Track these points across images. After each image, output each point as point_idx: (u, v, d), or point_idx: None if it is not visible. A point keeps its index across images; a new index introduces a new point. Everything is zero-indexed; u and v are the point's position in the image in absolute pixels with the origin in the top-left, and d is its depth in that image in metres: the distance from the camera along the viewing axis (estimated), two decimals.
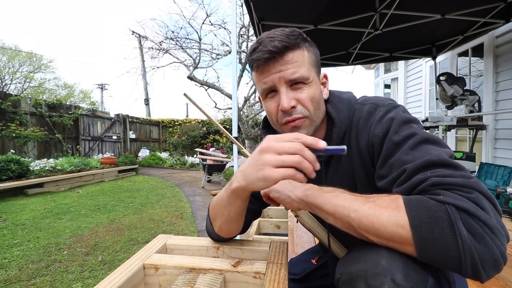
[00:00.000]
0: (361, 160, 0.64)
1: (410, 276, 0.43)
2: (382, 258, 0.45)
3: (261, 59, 0.61)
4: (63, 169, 5.69)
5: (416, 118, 0.60)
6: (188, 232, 2.85)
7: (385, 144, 0.56)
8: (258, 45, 0.61)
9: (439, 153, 0.49)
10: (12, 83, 10.96)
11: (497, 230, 0.41)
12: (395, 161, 0.53)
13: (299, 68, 0.61)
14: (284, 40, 0.60)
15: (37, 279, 1.86)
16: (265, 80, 0.63)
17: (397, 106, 0.62)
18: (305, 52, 0.63)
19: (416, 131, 0.54)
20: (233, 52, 2.08)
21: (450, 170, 0.47)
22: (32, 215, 3.35)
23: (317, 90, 0.65)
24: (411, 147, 0.52)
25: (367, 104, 0.65)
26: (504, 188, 2.03)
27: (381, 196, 0.49)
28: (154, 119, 12.15)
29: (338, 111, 0.67)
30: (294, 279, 0.91)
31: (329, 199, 0.52)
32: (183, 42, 7.85)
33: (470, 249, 0.39)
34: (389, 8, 2.63)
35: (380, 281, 0.43)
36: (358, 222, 0.47)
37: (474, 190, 0.44)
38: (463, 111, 3.10)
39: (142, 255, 0.70)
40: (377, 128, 0.59)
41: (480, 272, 0.40)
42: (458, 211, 0.41)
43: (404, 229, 0.43)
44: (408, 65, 6.04)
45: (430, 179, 0.46)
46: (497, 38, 3.44)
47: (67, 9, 65.57)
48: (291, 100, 0.61)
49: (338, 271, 0.51)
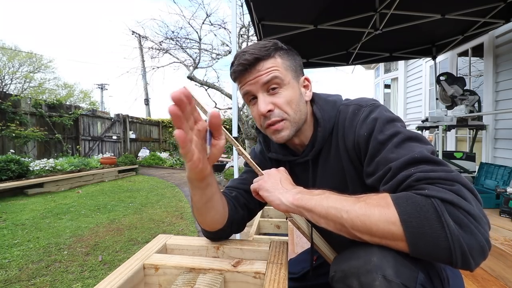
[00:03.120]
0: (349, 158, 0.66)
1: (400, 272, 0.44)
2: (374, 255, 0.46)
3: (236, 71, 0.67)
4: (63, 169, 5.69)
5: (398, 117, 0.63)
6: (188, 232, 2.85)
7: (371, 143, 0.59)
8: (234, 59, 0.67)
9: (421, 150, 0.52)
10: (12, 83, 10.97)
11: (480, 218, 0.43)
12: (381, 159, 0.56)
13: (272, 72, 0.65)
14: (255, 53, 0.65)
15: (37, 279, 1.86)
16: (243, 87, 0.68)
17: (379, 106, 0.65)
18: (277, 59, 0.67)
19: (399, 130, 0.57)
20: (233, 52, 2.08)
21: (432, 165, 0.50)
22: (32, 215, 3.35)
23: (295, 93, 0.68)
24: (395, 145, 0.55)
25: (351, 105, 0.68)
26: (504, 188, 2.03)
27: (370, 196, 0.50)
28: (154, 119, 12.14)
29: (323, 112, 0.70)
30: (293, 278, 0.92)
31: (319, 201, 0.53)
32: (183, 42, 7.86)
33: (459, 239, 0.41)
34: (389, 8, 2.63)
35: (372, 278, 0.44)
36: (350, 222, 0.48)
37: (456, 183, 0.46)
38: (463, 111, 3.10)
39: (142, 255, 0.70)
40: (362, 128, 0.62)
41: (469, 261, 0.42)
42: (443, 203, 0.43)
43: (395, 226, 0.45)
44: (408, 65, 6.04)
45: (414, 175, 0.49)
46: (497, 38, 3.44)
47: (67, 9, 65.63)
48: (268, 104, 0.66)
49: (332, 268, 0.53)
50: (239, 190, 0.80)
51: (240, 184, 0.81)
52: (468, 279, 1.31)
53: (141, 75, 14.25)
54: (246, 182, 0.79)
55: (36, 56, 12.31)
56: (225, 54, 7.93)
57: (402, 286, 0.43)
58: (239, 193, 0.79)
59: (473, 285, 1.28)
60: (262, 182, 0.64)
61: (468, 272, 0.44)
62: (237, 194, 0.79)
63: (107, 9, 69.26)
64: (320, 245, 0.71)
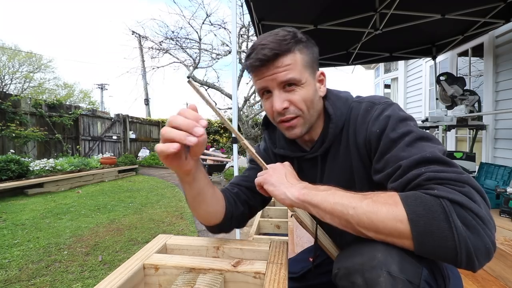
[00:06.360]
0: (359, 155, 0.66)
1: (405, 268, 0.44)
2: (378, 251, 0.46)
3: (253, 66, 0.64)
4: (63, 169, 5.69)
5: (411, 116, 0.62)
6: (188, 232, 2.85)
7: (382, 140, 0.58)
8: (252, 51, 0.64)
9: (433, 150, 0.52)
10: (12, 83, 10.98)
11: (488, 221, 0.43)
12: (391, 157, 0.55)
13: (291, 71, 0.63)
14: (275, 48, 0.62)
15: (37, 279, 1.86)
16: (259, 82, 0.66)
17: (392, 104, 0.65)
18: (297, 55, 0.64)
19: (412, 129, 0.57)
20: (233, 52, 2.08)
21: (444, 166, 0.49)
22: (32, 215, 3.35)
23: (311, 90, 0.67)
24: (407, 144, 0.55)
25: (364, 102, 0.68)
26: (504, 188, 2.03)
27: (378, 193, 0.50)
28: (154, 119, 12.15)
29: (335, 108, 0.70)
30: (293, 277, 0.92)
31: (325, 197, 0.53)
32: (183, 42, 7.86)
33: (465, 239, 0.41)
34: (389, 8, 2.63)
35: (376, 274, 0.44)
36: (357, 219, 0.48)
37: (466, 184, 0.46)
38: (463, 111, 3.10)
39: (142, 255, 0.70)
40: (375, 125, 0.61)
41: (474, 262, 0.42)
42: (452, 204, 0.43)
43: (402, 224, 0.44)
44: (408, 65, 6.04)
45: (424, 174, 0.48)
46: (497, 38, 3.44)
47: (67, 9, 65.65)
48: (283, 102, 0.65)
49: (336, 266, 0.52)
50: (241, 187, 0.80)
51: (242, 181, 0.81)
52: (468, 279, 1.31)
53: (141, 75, 14.25)
54: (249, 180, 0.79)
55: (36, 56, 12.32)
56: (225, 54, 7.93)
57: (406, 282, 0.43)
58: (241, 190, 0.80)
59: (473, 285, 1.28)
60: (267, 176, 0.64)
61: (468, 272, 0.45)
62: (239, 191, 0.79)
63: (107, 9, 69.34)
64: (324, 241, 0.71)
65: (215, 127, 11.87)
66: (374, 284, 0.44)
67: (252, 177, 0.76)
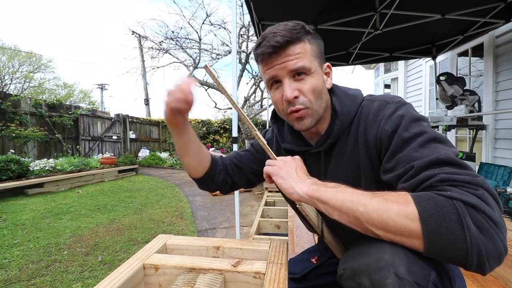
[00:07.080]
0: (368, 153, 0.65)
1: (413, 270, 0.43)
2: (385, 252, 0.45)
3: (265, 54, 0.65)
4: (63, 169, 5.69)
5: (424, 117, 0.61)
6: (188, 232, 2.85)
7: (394, 139, 0.57)
8: (262, 40, 0.65)
9: (447, 152, 0.51)
10: (12, 83, 10.98)
11: (500, 224, 0.43)
12: (402, 156, 0.54)
13: (301, 59, 0.64)
14: (286, 35, 0.63)
15: (37, 279, 1.86)
16: (269, 71, 0.67)
17: (405, 104, 0.64)
18: (307, 45, 0.65)
19: (425, 130, 0.56)
20: (233, 52, 2.08)
21: (457, 168, 0.49)
22: (32, 215, 3.35)
23: (319, 80, 0.67)
24: (420, 145, 0.54)
25: (376, 101, 0.67)
26: (504, 188, 2.03)
27: (389, 192, 0.49)
28: (154, 119, 12.14)
29: (342, 105, 0.70)
30: (294, 278, 0.91)
31: (335, 193, 0.53)
32: (183, 42, 7.86)
33: (478, 242, 0.41)
34: (389, 8, 2.63)
35: (384, 275, 0.43)
36: (366, 216, 0.47)
37: (480, 187, 0.45)
38: (463, 111, 3.10)
39: (142, 255, 0.70)
40: (387, 124, 0.60)
41: (485, 265, 0.41)
42: (465, 206, 0.43)
43: (413, 223, 0.44)
44: (408, 65, 6.04)
45: (438, 176, 0.47)
46: (497, 38, 3.43)
47: (67, 9, 65.60)
48: (294, 91, 0.65)
49: (341, 266, 0.51)
50: (231, 162, 0.89)
51: (234, 158, 0.90)
52: (468, 279, 1.31)
53: (141, 75, 14.24)
54: (240, 160, 0.89)
55: (36, 56, 12.32)
56: (225, 54, 7.93)
57: (414, 285, 0.43)
58: (230, 164, 0.89)
59: (473, 285, 1.28)
60: (277, 168, 0.64)
61: (468, 272, 0.44)
62: (228, 164, 0.88)
63: (107, 9, 69.30)
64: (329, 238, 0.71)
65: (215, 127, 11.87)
66: (381, 285, 0.43)
67: (244, 158, 0.89)
